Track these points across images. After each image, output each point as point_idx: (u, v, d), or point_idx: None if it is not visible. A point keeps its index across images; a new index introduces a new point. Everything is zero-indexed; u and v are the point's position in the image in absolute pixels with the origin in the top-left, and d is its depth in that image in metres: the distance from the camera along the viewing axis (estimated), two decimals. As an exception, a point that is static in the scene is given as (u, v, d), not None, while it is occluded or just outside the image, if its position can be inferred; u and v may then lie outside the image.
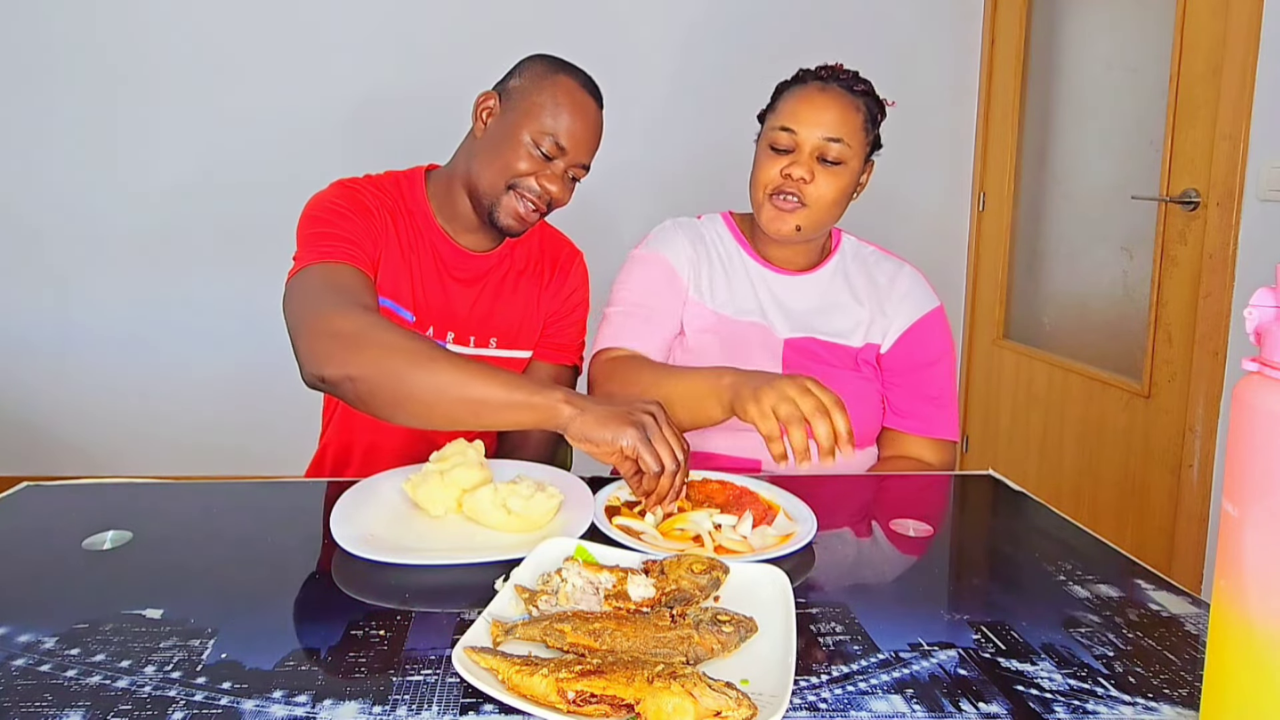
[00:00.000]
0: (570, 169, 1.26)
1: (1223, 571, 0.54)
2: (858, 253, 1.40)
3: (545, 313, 1.40)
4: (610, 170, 2.91)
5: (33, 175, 2.80)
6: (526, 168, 1.22)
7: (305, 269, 1.10)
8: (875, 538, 0.99)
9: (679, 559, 0.80)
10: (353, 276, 1.11)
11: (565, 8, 2.82)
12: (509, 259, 1.37)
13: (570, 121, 1.22)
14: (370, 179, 1.30)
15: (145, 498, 1.08)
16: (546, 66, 1.25)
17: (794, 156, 1.25)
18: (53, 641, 0.71)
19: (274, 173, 2.80)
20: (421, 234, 1.29)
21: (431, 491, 0.96)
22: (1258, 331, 0.52)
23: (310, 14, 2.77)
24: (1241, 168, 1.88)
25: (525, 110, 1.22)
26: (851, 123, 1.25)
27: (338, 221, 1.17)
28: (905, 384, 1.33)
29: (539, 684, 0.60)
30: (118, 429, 2.91)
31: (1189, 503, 2.02)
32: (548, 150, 1.22)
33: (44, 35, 2.72)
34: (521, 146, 1.22)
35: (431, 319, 1.30)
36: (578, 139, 1.23)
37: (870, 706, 0.64)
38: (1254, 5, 1.84)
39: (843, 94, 1.25)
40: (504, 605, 0.73)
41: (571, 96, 1.23)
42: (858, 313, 1.34)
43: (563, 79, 1.24)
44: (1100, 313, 2.43)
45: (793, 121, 1.25)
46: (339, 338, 0.97)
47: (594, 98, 1.26)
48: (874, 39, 2.87)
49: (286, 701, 0.63)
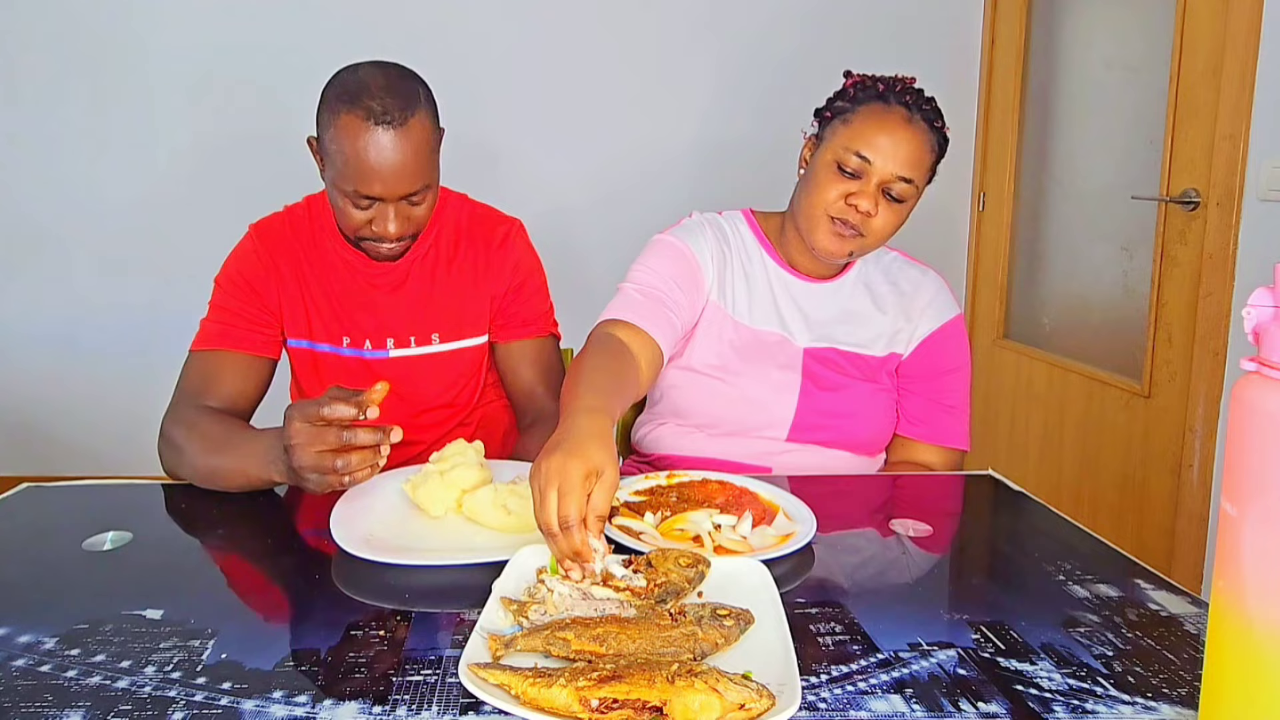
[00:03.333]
0: (399, 204, 1.17)
1: (1222, 571, 0.54)
2: (880, 259, 1.37)
3: (492, 293, 1.34)
4: (617, 166, 2.92)
5: (32, 176, 2.79)
6: (358, 219, 1.17)
7: (188, 357, 1.27)
8: (875, 538, 0.99)
9: (663, 553, 0.79)
10: (216, 364, 1.24)
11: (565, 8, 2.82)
12: (434, 250, 1.33)
13: (368, 170, 1.11)
14: (278, 218, 1.34)
15: (145, 498, 1.08)
16: (331, 105, 1.13)
17: (861, 185, 1.18)
18: (53, 642, 0.71)
19: (271, 177, 2.80)
20: (334, 256, 1.30)
21: (431, 492, 0.97)
22: (1256, 331, 0.52)
23: (310, 14, 2.77)
24: (1241, 168, 1.88)
25: (331, 164, 1.15)
26: (924, 164, 1.20)
27: (227, 300, 1.28)
28: (921, 391, 1.32)
29: (559, 695, 0.59)
30: (118, 429, 2.91)
31: (1189, 503, 2.02)
32: (363, 204, 1.16)
33: (39, 35, 2.73)
34: (343, 201, 1.16)
35: (365, 333, 1.32)
36: (386, 180, 1.12)
37: (870, 706, 0.64)
38: (1254, 5, 1.84)
39: (925, 130, 1.19)
40: (493, 618, 0.72)
41: (359, 139, 1.10)
42: (880, 322, 1.31)
43: (344, 119, 1.11)
44: (1100, 313, 2.43)
45: (870, 150, 1.16)
46: (165, 440, 1.18)
47: (387, 123, 1.10)
48: (874, 39, 2.87)
49: (286, 701, 0.63)
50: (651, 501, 1.01)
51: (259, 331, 1.28)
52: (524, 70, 2.81)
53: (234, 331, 1.26)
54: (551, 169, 2.87)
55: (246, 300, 1.27)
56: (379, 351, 1.32)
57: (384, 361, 1.32)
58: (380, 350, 1.32)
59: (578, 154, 2.88)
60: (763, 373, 1.28)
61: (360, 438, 0.93)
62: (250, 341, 1.26)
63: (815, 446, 1.28)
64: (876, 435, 1.32)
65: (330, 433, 0.92)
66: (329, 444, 0.92)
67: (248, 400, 1.26)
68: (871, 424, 1.30)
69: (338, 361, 1.33)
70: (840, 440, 1.29)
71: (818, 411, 1.27)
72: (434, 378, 1.35)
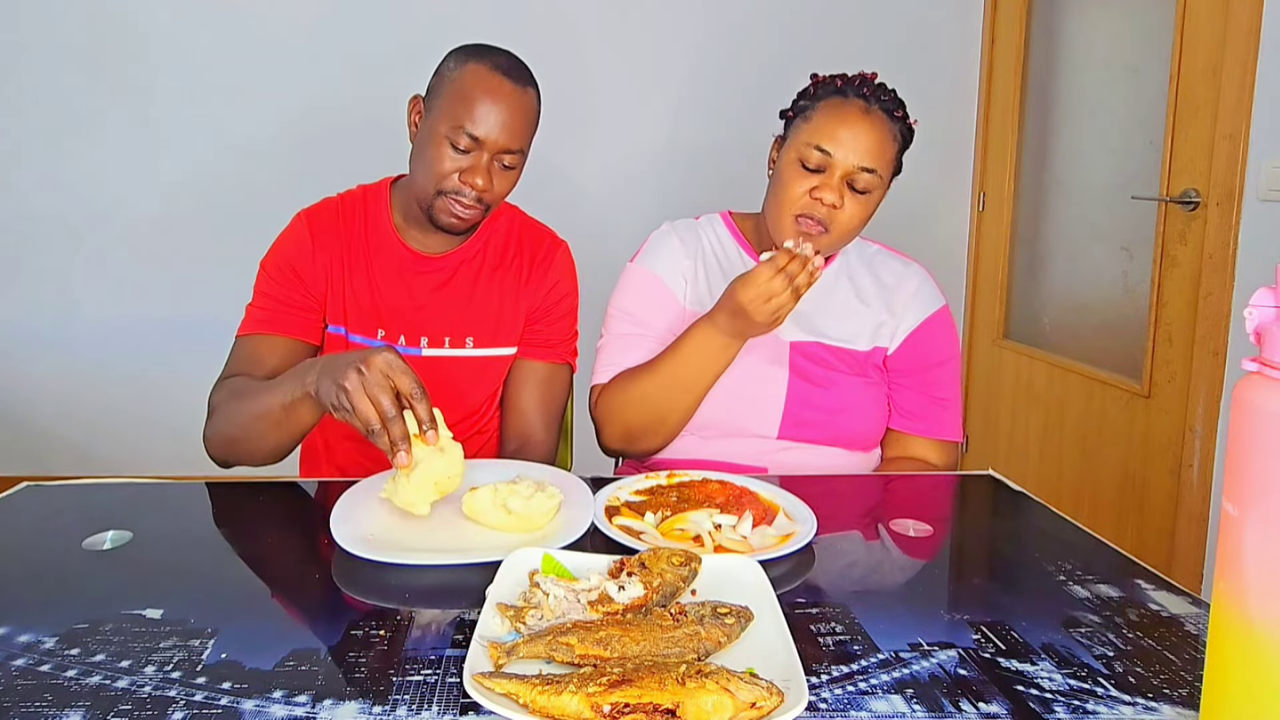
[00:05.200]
0: (495, 158, 1.20)
1: (1223, 572, 0.54)
2: (863, 252, 1.38)
3: (527, 308, 1.35)
4: (611, 168, 2.92)
5: (33, 175, 2.79)
6: (449, 167, 1.19)
7: (235, 343, 1.27)
8: (875, 538, 0.99)
9: (655, 552, 0.79)
10: (262, 348, 1.24)
11: (566, 8, 2.82)
12: (481, 255, 1.34)
13: (481, 110, 1.16)
14: (330, 204, 1.33)
15: (145, 498, 1.08)
16: (457, 58, 1.21)
17: (824, 178, 1.19)
18: (53, 641, 0.71)
19: (276, 175, 2.80)
20: (382, 246, 1.30)
21: (407, 494, 0.93)
22: (1257, 331, 0.52)
23: (310, 14, 2.77)
24: (1241, 168, 1.88)
25: (438, 109, 1.19)
26: (887, 154, 1.21)
27: (272, 287, 1.28)
28: (912, 385, 1.32)
29: (570, 702, 0.58)
30: (118, 429, 2.91)
31: (1189, 503, 2.02)
32: (464, 145, 1.17)
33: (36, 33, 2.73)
34: (440, 147, 1.18)
35: (401, 328, 1.30)
36: (492, 126, 1.17)
37: (870, 706, 0.64)
38: (1254, 5, 1.84)
39: (884, 121, 1.20)
40: (490, 626, 0.71)
41: (481, 83, 1.17)
42: (864, 315, 1.32)
43: (471, 66, 1.19)
44: (1100, 313, 2.43)
45: (830, 143, 1.18)
46: (210, 414, 1.18)
47: (510, 77, 1.19)
48: (874, 39, 2.87)
49: (286, 701, 0.63)
50: (651, 501, 1.01)
51: (303, 316, 1.28)
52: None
53: (279, 318, 1.26)
54: (535, 172, 2.87)
55: (291, 286, 1.27)
56: (412, 348, 1.31)
57: (416, 360, 1.30)
58: (414, 348, 1.31)
59: (561, 159, 2.88)
60: (749, 367, 1.28)
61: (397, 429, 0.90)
62: (296, 326, 1.27)
63: (807, 445, 1.28)
64: (868, 430, 1.32)
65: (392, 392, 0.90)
66: (388, 391, 0.90)
67: None
68: (862, 419, 1.30)
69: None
70: (832, 437, 1.29)
71: (807, 407, 1.28)
72: (462, 382, 1.34)
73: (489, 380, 1.36)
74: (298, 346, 1.27)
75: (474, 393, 1.36)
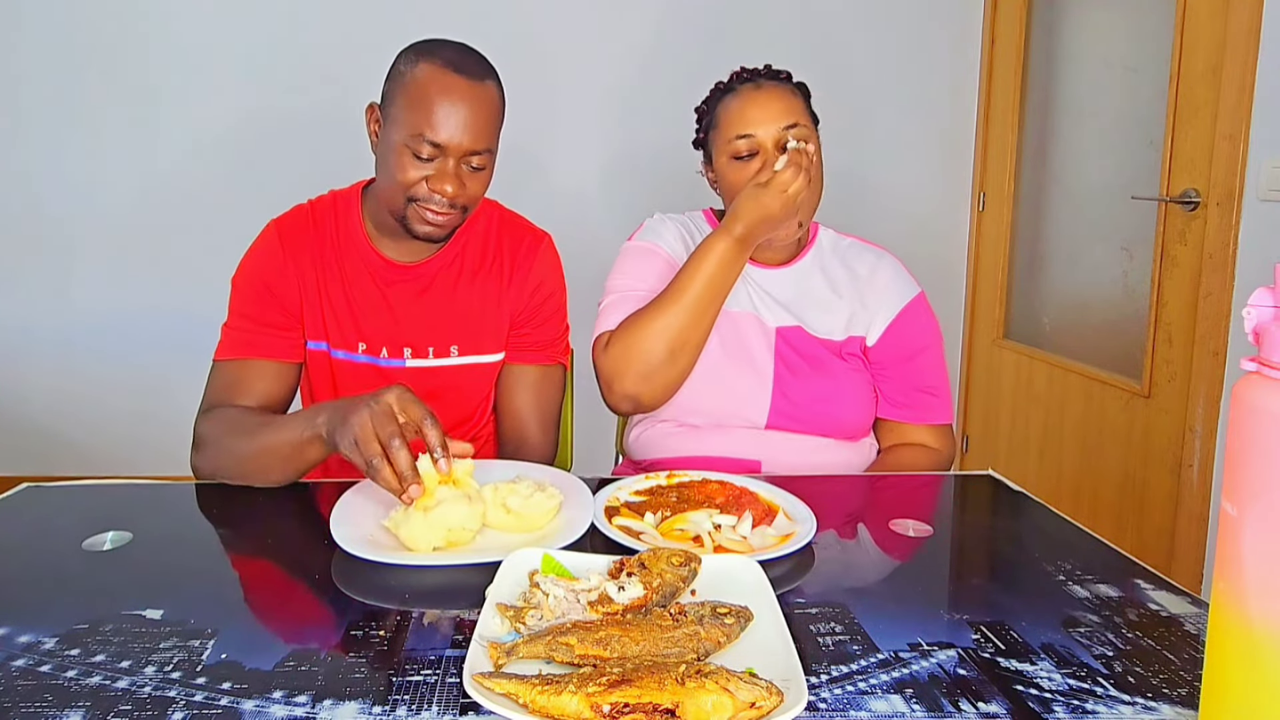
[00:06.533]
0: (462, 162, 1.14)
1: (1222, 572, 0.54)
2: (836, 245, 1.39)
3: (511, 311, 1.31)
4: (591, 165, 2.92)
5: (32, 176, 2.80)
6: (414, 176, 1.13)
7: (213, 366, 1.23)
8: (875, 538, 0.99)
9: (654, 553, 0.79)
10: (243, 372, 1.21)
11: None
12: (459, 260, 1.29)
13: (440, 114, 1.10)
14: (301, 212, 1.28)
15: (145, 498, 1.08)
16: (407, 58, 1.15)
17: (761, 157, 1.24)
18: (53, 642, 0.71)
19: (272, 174, 2.80)
20: (355, 257, 1.26)
21: (414, 531, 0.89)
22: (1256, 331, 0.52)
23: (310, 13, 2.77)
24: (1241, 168, 1.88)
25: (395, 117, 1.13)
26: (797, 106, 1.26)
27: (247, 306, 1.24)
28: (897, 375, 1.34)
29: (570, 702, 0.58)
30: (118, 429, 2.91)
31: (1189, 503, 2.02)
32: (427, 154, 1.12)
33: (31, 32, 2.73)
34: (402, 156, 1.13)
35: (382, 340, 1.27)
36: (454, 130, 1.11)
37: (870, 706, 0.64)
38: (1254, 5, 1.84)
39: (777, 85, 1.27)
40: (490, 626, 0.71)
41: (435, 84, 1.10)
42: (837, 307, 1.33)
43: (423, 66, 1.12)
44: (1100, 313, 2.43)
45: (746, 126, 1.24)
46: (199, 442, 1.15)
47: (465, 74, 1.12)
48: (874, 39, 2.87)
49: (286, 701, 0.63)
50: (651, 502, 1.01)
51: (283, 336, 1.24)
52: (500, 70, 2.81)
53: (259, 340, 1.22)
54: (514, 170, 2.88)
55: (266, 304, 1.23)
56: (395, 360, 1.27)
57: (400, 371, 1.28)
58: (397, 359, 1.27)
59: (548, 159, 2.88)
60: (736, 352, 1.29)
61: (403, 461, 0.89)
62: (276, 348, 1.23)
63: (797, 434, 1.29)
64: (856, 419, 1.32)
65: (397, 423, 0.91)
66: (395, 422, 0.91)
67: (279, 402, 1.24)
68: (849, 407, 1.31)
69: (353, 368, 1.28)
70: (821, 427, 1.29)
71: (794, 395, 1.28)
72: (449, 392, 1.30)
73: (479, 388, 1.34)
74: (281, 369, 1.23)
75: (464, 401, 1.33)
